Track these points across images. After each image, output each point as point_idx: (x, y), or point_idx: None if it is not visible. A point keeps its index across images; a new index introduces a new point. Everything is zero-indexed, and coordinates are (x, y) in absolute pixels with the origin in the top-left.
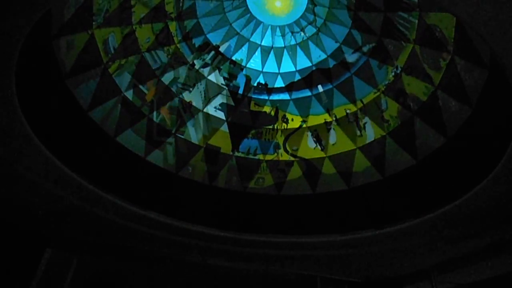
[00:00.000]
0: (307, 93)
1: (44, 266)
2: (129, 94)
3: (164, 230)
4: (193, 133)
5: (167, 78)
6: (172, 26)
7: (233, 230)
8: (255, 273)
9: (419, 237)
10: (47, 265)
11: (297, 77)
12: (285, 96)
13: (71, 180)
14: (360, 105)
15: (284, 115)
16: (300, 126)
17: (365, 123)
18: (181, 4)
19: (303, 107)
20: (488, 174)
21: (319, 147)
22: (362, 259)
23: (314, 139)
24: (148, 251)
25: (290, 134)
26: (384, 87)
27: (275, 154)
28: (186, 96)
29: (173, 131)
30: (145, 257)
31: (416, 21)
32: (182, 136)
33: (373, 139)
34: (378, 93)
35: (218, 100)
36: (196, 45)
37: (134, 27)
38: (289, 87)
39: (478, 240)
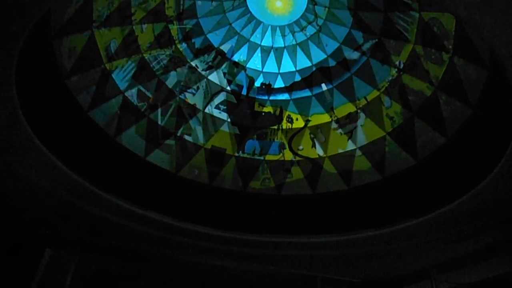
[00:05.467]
0: (307, 93)
1: (44, 266)
2: (129, 95)
3: (164, 230)
4: (198, 135)
5: (169, 79)
6: (174, 30)
7: (233, 230)
8: (255, 273)
9: (419, 237)
10: (47, 265)
11: (297, 77)
12: (285, 96)
13: (71, 180)
14: (363, 102)
15: (289, 115)
16: (305, 126)
17: (363, 124)
18: (181, 5)
19: (303, 107)
20: (488, 174)
21: (318, 147)
22: (362, 259)
23: (313, 139)
24: (148, 251)
25: (295, 134)
26: (388, 83)
27: (281, 154)
28: (190, 98)
29: (178, 134)
30: (145, 257)
31: (416, 20)
32: (187, 138)
33: (372, 138)
34: (379, 92)
35: (222, 101)
36: (196, 45)
37: (134, 29)
38: (289, 87)
39: (478, 240)
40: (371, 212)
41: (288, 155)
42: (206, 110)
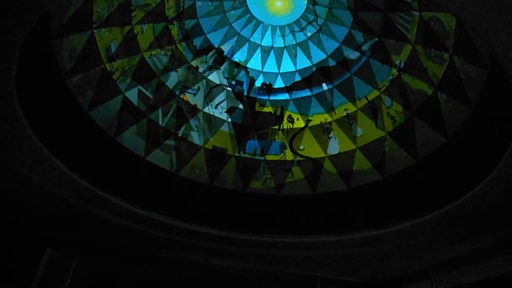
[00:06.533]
0: (307, 93)
1: (44, 266)
2: (129, 95)
3: (165, 230)
4: (198, 135)
5: (169, 80)
6: (174, 31)
7: (233, 230)
8: (255, 273)
9: (419, 237)
10: (47, 265)
11: (297, 77)
12: (285, 96)
13: (71, 180)
14: (364, 102)
15: (290, 115)
16: (306, 126)
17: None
18: (181, 5)
19: (303, 107)
20: (488, 174)
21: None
22: (362, 259)
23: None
24: (148, 251)
25: (296, 133)
26: (388, 83)
27: (282, 154)
28: (190, 98)
29: (178, 134)
30: (145, 257)
31: (416, 19)
32: (187, 138)
33: (372, 138)
34: (380, 92)
35: (223, 102)
36: (197, 46)
37: (135, 29)
38: (289, 87)
39: (478, 240)
40: (371, 212)
41: (289, 155)
42: (207, 110)
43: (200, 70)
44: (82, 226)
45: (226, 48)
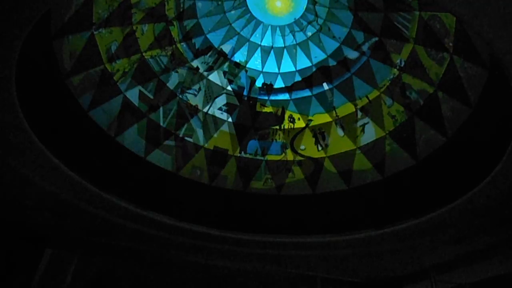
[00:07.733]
0: (307, 93)
1: (44, 266)
2: (130, 95)
3: (164, 230)
4: (199, 135)
5: (170, 80)
6: (174, 31)
7: (233, 230)
8: (255, 273)
9: (419, 237)
10: (47, 265)
11: (297, 77)
12: (285, 96)
13: (71, 180)
14: (365, 101)
15: (291, 115)
16: (307, 125)
17: (366, 123)
18: (181, 5)
19: (303, 107)
20: (488, 174)
21: (319, 146)
22: (362, 259)
23: (315, 138)
24: (148, 251)
25: (297, 134)
26: (389, 82)
27: (283, 154)
28: (191, 98)
29: (179, 134)
30: (145, 257)
31: (416, 19)
32: (188, 139)
33: (373, 138)
34: (380, 91)
35: (223, 102)
36: (197, 46)
37: (135, 29)
38: (290, 87)
39: (478, 240)
40: (371, 212)
41: (290, 155)
42: (207, 111)
43: (201, 70)
44: (82, 226)
45: (226, 48)
